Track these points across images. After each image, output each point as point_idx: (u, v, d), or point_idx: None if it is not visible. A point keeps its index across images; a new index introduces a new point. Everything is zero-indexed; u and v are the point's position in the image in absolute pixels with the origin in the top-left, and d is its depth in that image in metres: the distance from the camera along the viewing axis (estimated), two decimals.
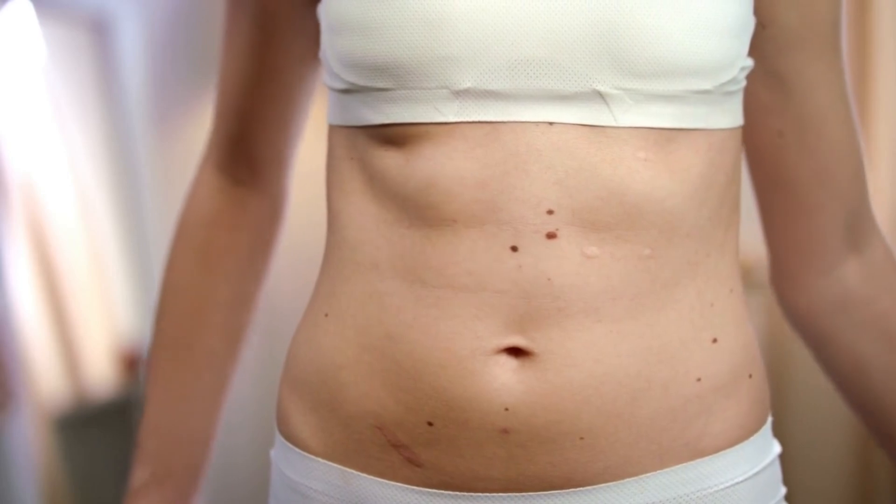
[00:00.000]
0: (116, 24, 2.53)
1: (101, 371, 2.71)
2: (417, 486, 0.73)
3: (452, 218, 0.72)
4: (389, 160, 0.74)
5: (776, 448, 0.81)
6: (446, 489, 0.73)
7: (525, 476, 0.71)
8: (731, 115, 0.76)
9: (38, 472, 2.40)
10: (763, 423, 0.79)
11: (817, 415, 2.18)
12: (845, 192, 0.86)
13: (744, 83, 0.77)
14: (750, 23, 0.76)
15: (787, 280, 0.92)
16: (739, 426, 0.76)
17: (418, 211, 0.73)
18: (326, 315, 0.78)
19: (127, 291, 2.75)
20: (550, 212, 0.71)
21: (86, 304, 2.67)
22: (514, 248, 0.71)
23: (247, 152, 0.97)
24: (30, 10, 2.46)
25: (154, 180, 2.47)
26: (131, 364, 2.74)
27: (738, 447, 0.75)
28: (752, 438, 0.76)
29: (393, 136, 0.74)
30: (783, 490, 0.81)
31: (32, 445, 2.36)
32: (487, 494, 0.72)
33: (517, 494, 0.72)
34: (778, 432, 0.82)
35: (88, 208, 2.63)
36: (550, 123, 0.71)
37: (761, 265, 0.97)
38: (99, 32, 2.56)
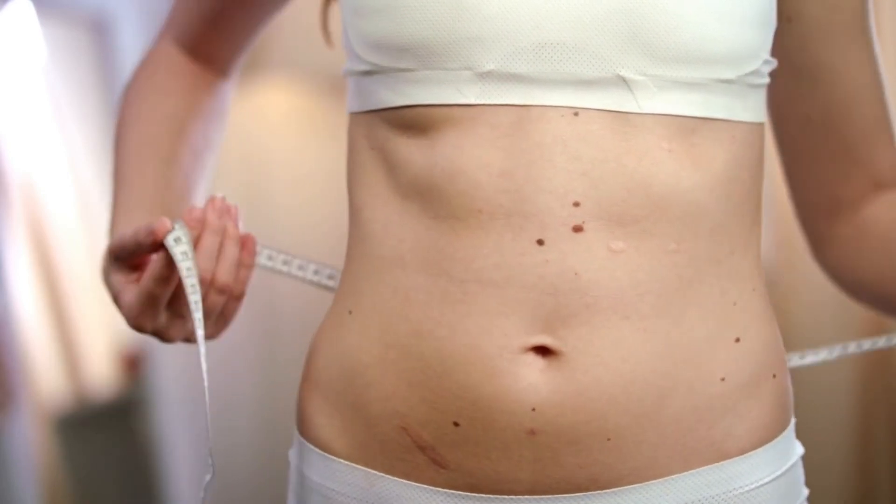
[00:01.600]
0: (116, 24, 2.53)
1: (101, 371, 2.71)
2: (442, 487, 0.73)
3: (478, 208, 0.71)
4: (412, 147, 0.74)
5: (799, 449, 0.80)
6: (471, 491, 0.72)
7: (551, 478, 0.71)
8: (753, 111, 0.76)
9: (38, 472, 2.40)
10: (787, 423, 0.78)
11: (818, 415, 2.18)
12: (872, 161, 0.88)
13: (767, 79, 0.77)
14: (772, 18, 0.76)
15: (818, 246, 0.93)
16: (764, 427, 0.76)
17: (443, 200, 0.73)
18: (350, 313, 0.78)
19: None
20: (577, 204, 0.71)
21: (86, 304, 2.67)
22: (541, 242, 0.71)
23: (215, 40, 0.97)
24: (30, 9, 2.46)
25: None
26: (132, 364, 2.74)
27: (763, 449, 0.75)
28: (776, 440, 0.76)
29: (414, 120, 0.74)
30: (806, 491, 0.80)
31: (32, 445, 2.36)
32: (513, 497, 0.72)
33: (543, 497, 0.71)
34: None
35: (88, 208, 2.63)
36: (576, 114, 0.71)
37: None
38: (99, 32, 2.56)
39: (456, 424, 0.72)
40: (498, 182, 0.71)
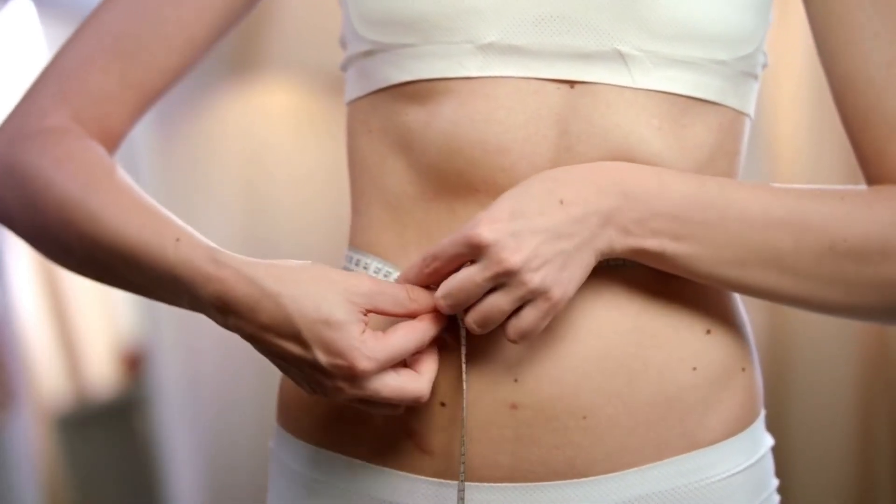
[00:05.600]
0: None
1: (101, 371, 2.72)
2: (426, 475, 0.74)
3: (476, 188, 0.72)
4: (412, 123, 0.74)
5: (769, 440, 0.81)
6: (454, 479, 0.73)
7: (530, 461, 0.72)
8: (742, 99, 0.76)
9: (39, 472, 2.40)
10: (757, 416, 0.79)
11: (817, 412, 2.18)
12: (880, 161, 0.75)
13: (759, 72, 0.78)
14: (769, 6, 0.76)
15: None
16: (735, 418, 0.77)
17: (441, 180, 0.74)
18: None
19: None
20: None
21: (87, 304, 2.67)
22: None
23: (129, 117, 0.83)
24: (31, 9, 2.46)
25: (154, 179, 2.47)
26: (132, 364, 2.75)
27: (733, 439, 0.76)
28: (746, 430, 0.77)
29: (415, 95, 0.74)
30: (775, 482, 0.81)
31: (33, 445, 2.37)
32: (494, 485, 0.72)
33: (521, 485, 0.72)
34: (778, 430, 0.83)
35: None
36: (571, 86, 0.72)
37: None
38: None
39: (442, 405, 0.73)
40: (494, 159, 0.72)
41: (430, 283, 0.70)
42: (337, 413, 0.78)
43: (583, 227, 0.67)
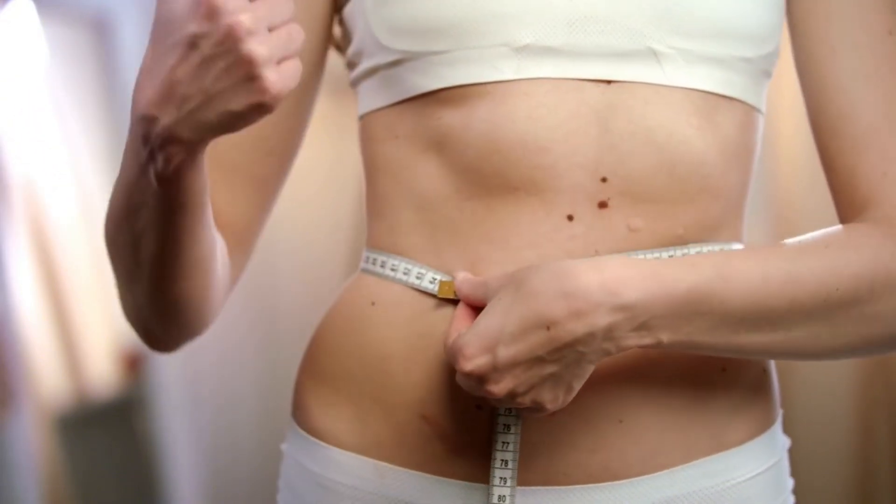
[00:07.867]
0: (117, 23, 2.53)
1: (102, 371, 2.71)
2: (456, 478, 0.73)
3: (515, 186, 0.72)
4: (447, 126, 0.74)
5: (786, 441, 0.82)
6: (485, 482, 0.72)
7: (566, 465, 0.72)
8: (758, 97, 0.77)
9: (39, 472, 2.40)
10: (777, 417, 0.80)
11: (818, 413, 2.18)
12: (850, 182, 0.75)
13: (772, 70, 0.78)
14: (782, 7, 0.76)
15: None
16: (757, 420, 0.77)
17: (480, 180, 0.73)
18: (373, 304, 0.78)
19: None
20: (604, 179, 0.72)
21: (87, 304, 2.67)
22: (570, 217, 0.72)
23: (232, 202, 0.87)
24: (31, 9, 2.46)
25: None
26: (132, 364, 2.75)
27: (756, 440, 0.77)
28: (768, 431, 0.78)
29: (449, 98, 0.74)
30: (791, 482, 0.82)
31: (33, 445, 2.37)
32: (528, 488, 0.72)
33: (556, 488, 0.72)
34: None
35: (89, 208, 2.63)
36: (608, 83, 0.72)
37: None
38: (100, 32, 2.56)
39: (478, 407, 0.72)
40: (534, 158, 0.72)
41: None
42: (361, 412, 0.77)
43: (571, 351, 0.65)
